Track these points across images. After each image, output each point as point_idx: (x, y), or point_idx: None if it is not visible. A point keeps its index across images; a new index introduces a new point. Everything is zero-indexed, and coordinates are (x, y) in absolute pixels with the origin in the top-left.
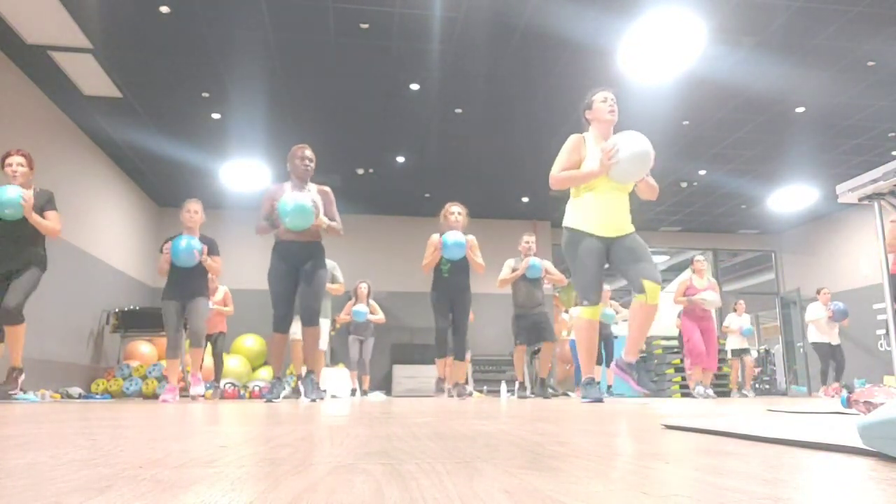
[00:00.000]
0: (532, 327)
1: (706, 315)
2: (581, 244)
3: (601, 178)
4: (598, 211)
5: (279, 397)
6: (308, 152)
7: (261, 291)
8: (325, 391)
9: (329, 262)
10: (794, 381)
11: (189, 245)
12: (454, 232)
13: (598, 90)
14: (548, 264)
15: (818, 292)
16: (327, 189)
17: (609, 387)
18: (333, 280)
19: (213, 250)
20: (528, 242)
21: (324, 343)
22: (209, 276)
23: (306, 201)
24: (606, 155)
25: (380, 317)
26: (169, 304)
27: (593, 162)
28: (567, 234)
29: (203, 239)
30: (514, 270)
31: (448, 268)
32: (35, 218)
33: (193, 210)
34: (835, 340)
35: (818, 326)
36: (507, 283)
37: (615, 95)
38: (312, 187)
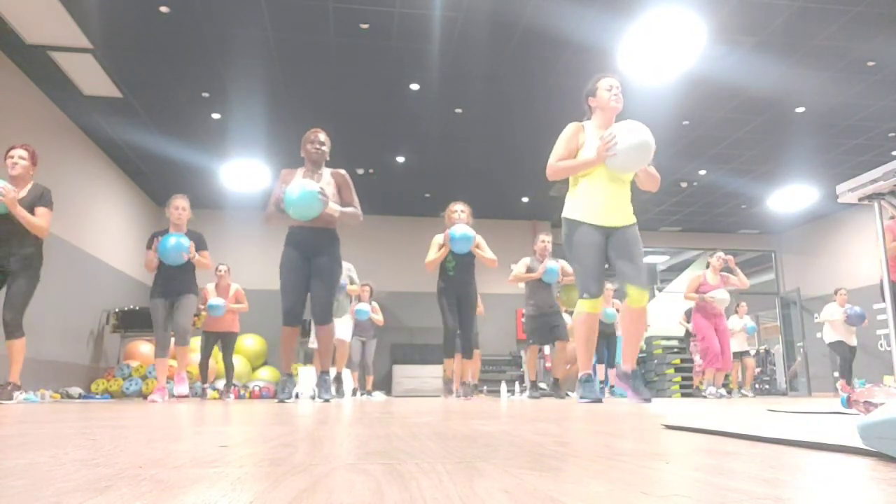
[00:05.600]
0: (545, 327)
1: (718, 312)
2: (579, 235)
3: (599, 166)
4: (596, 200)
5: (291, 396)
6: (322, 136)
7: (261, 291)
8: (339, 395)
9: (345, 265)
10: (794, 378)
11: (178, 244)
12: (461, 225)
13: (602, 76)
14: (564, 264)
15: (836, 293)
16: (343, 172)
17: (611, 387)
18: (351, 282)
19: (200, 245)
20: (544, 241)
21: (347, 334)
22: (220, 272)
23: (314, 189)
24: (604, 145)
25: (379, 317)
26: (157, 303)
27: (591, 150)
28: (565, 226)
29: (190, 234)
30: (528, 269)
31: (454, 266)
32: (21, 213)
33: (182, 207)
34: (851, 341)
35: (833, 326)
36: (519, 280)
37: (620, 83)
38: (326, 172)
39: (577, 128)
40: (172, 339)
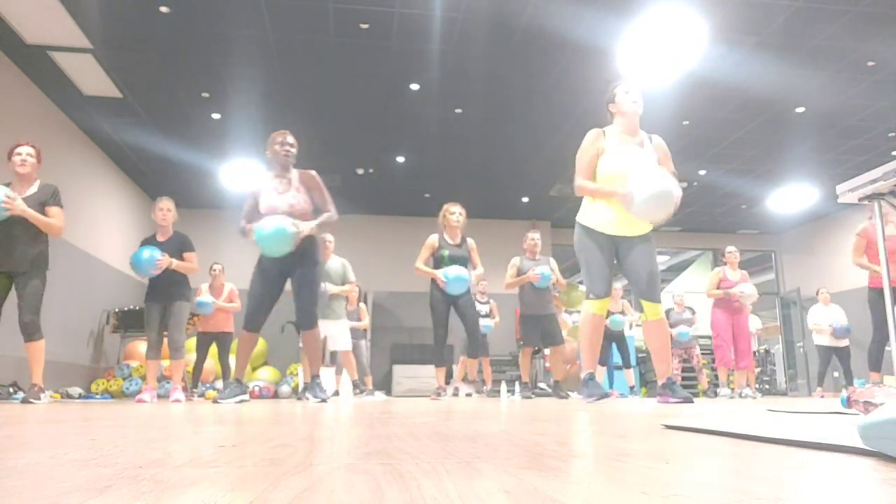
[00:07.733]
0: (538, 331)
1: (740, 309)
2: (589, 240)
3: (615, 179)
4: (610, 212)
5: (230, 399)
6: (289, 138)
7: None
8: (335, 393)
9: (340, 260)
10: (794, 378)
11: (151, 257)
12: (456, 267)
13: (618, 83)
14: (556, 271)
15: (817, 293)
16: (312, 173)
17: (632, 388)
18: (345, 279)
19: (185, 248)
20: (533, 240)
21: (347, 344)
22: (214, 272)
23: (287, 227)
24: (623, 202)
25: (365, 322)
26: (150, 307)
27: (615, 158)
28: (577, 230)
29: (176, 236)
30: (519, 270)
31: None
32: (31, 214)
33: (166, 208)
34: (840, 343)
35: (821, 331)
36: (513, 286)
37: (638, 88)
38: (294, 174)
39: (596, 134)
40: (165, 341)
